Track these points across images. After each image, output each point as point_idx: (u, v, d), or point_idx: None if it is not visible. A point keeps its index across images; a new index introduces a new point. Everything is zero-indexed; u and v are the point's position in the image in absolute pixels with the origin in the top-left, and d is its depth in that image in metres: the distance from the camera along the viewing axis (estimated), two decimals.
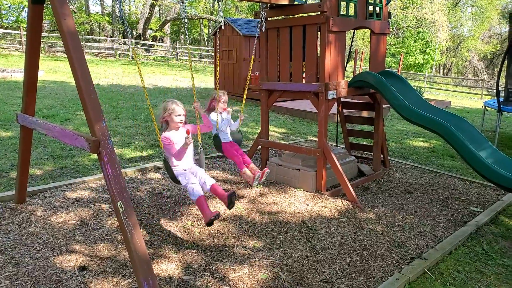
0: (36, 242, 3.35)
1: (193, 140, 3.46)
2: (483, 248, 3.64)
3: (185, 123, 3.68)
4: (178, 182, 3.47)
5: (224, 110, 4.34)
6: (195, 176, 3.50)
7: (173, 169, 3.45)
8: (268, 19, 5.00)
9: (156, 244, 3.40)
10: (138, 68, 3.15)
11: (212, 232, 3.68)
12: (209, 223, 3.26)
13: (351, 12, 4.77)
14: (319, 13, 4.43)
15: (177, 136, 3.55)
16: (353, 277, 3.07)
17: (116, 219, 3.69)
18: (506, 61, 8.37)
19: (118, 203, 2.39)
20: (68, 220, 3.76)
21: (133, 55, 22.85)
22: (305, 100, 5.21)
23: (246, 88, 4.49)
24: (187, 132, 3.40)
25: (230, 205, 3.43)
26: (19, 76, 14.05)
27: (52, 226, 3.63)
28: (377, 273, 3.14)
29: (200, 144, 3.73)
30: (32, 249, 3.24)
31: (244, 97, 4.49)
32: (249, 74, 4.53)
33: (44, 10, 3.37)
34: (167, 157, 3.44)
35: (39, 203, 4.12)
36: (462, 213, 4.40)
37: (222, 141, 4.27)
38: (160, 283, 2.84)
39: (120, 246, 3.34)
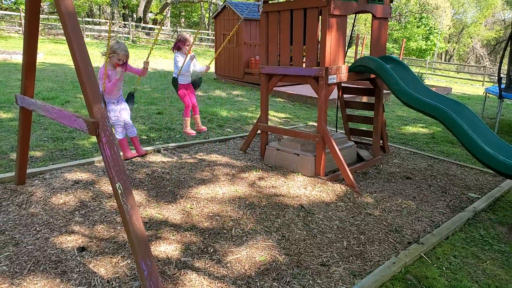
0: (36, 223, 3.38)
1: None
2: (480, 233, 3.67)
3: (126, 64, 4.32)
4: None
5: (189, 53, 4.77)
6: (120, 117, 4.35)
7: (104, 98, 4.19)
8: (269, 2, 4.94)
9: (155, 226, 3.43)
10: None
11: (211, 214, 3.70)
12: (126, 159, 4.45)
13: None
14: None
15: (114, 73, 4.19)
16: (350, 261, 3.11)
17: (115, 201, 3.71)
18: (508, 48, 8.30)
19: (117, 184, 2.40)
20: (68, 202, 3.79)
21: (135, 38, 22.51)
22: (306, 85, 5.20)
23: (229, 38, 5.08)
24: (116, 65, 4.16)
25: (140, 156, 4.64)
26: (19, 58, 13.96)
27: (52, 208, 3.65)
28: (374, 257, 3.17)
29: (134, 87, 4.61)
30: (32, 229, 3.27)
31: (220, 49, 4.99)
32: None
33: None
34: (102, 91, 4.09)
35: (39, 184, 4.13)
36: (460, 199, 4.42)
37: (180, 82, 4.84)
38: (158, 264, 2.88)
39: (119, 227, 3.37)
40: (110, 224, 3.42)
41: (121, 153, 4.23)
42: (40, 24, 25.35)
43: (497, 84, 8.00)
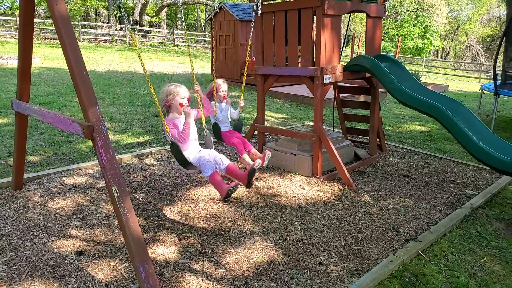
0: (34, 227, 3.37)
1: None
2: (477, 230, 3.68)
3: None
4: (188, 164, 3.34)
5: (224, 98, 4.33)
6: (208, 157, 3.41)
7: (183, 153, 3.30)
8: (264, 3, 4.95)
9: (153, 229, 3.43)
10: (137, 51, 3.15)
11: (209, 216, 3.71)
12: (226, 197, 3.14)
13: None
14: None
15: (181, 121, 3.44)
16: (348, 260, 3.11)
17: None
18: (503, 44, 8.34)
19: (113, 188, 2.40)
20: (65, 206, 3.79)
21: (131, 41, 22.56)
22: (303, 85, 5.21)
23: (245, 75, 4.34)
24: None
25: (249, 183, 3.41)
26: (15, 63, 13.94)
27: (49, 212, 3.65)
28: (372, 256, 3.18)
29: (205, 126, 3.70)
30: (30, 234, 3.27)
31: (243, 85, 4.41)
32: (247, 59, 4.45)
33: None
34: (174, 141, 3.27)
35: (36, 189, 4.13)
36: (457, 196, 4.43)
37: (222, 129, 4.25)
38: (156, 267, 2.88)
39: (117, 231, 3.37)
40: (107, 228, 3.43)
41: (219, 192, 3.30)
42: (36, 29, 25.26)
43: (492, 81, 8.03)
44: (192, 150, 3.50)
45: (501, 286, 2.85)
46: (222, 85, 4.29)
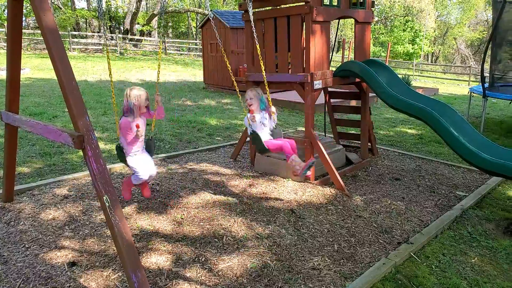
0: (25, 239, 3.35)
1: (143, 135, 3.72)
2: (468, 231, 3.71)
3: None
4: (126, 163, 3.74)
5: (251, 112, 4.04)
6: (144, 165, 3.75)
7: (127, 157, 3.68)
8: (253, 10, 4.99)
9: (146, 238, 3.42)
10: (108, 60, 3.48)
11: (202, 223, 3.71)
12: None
13: (335, 1, 4.78)
14: (303, 3, 4.44)
15: (139, 122, 3.65)
16: (341, 264, 3.13)
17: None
18: (490, 47, 8.47)
19: (104, 197, 2.40)
20: (57, 217, 3.76)
21: (123, 50, 22.51)
22: (294, 91, 5.24)
23: (234, 80, 4.33)
24: (137, 126, 3.55)
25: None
26: (4, 74, 13.86)
27: (41, 224, 3.63)
28: (365, 259, 3.20)
29: (153, 132, 4.17)
30: (21, 246, 3.24)
31: (238, 91, 4.32)
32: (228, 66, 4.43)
33: (29, 7, 3.35)
34: (121, 144, 3.66)
35: (27, 201, 4.11)
36: (448, 198, 4.47)
37: (263, 140, 3.89)
38: (149, 276, 2.87)
39: (109, 240, 3.35)
40: (100, 238, 3.41)
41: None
42: (26, 39, 25.12)
43: (481, 84, 8.14)
44: (135, 150, 3.75)
45: (492, 285, 2.88)
46: (251, 98, 4.07)
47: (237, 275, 2.92)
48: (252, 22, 4.06)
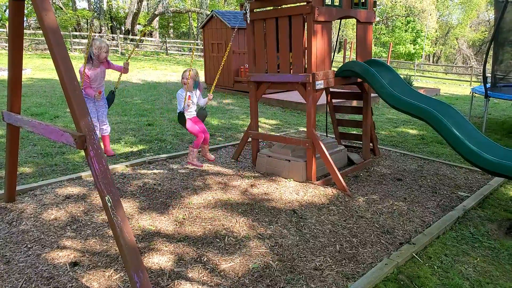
0: (27, 239, 3.35)
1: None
2: (470, 231, 3.70)
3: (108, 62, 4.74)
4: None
5: (184, 84, 4.74)
6: (95, 115, 4.69)
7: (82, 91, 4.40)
8: (254, 10, 5.00)
9: (148, 238, 3.42)
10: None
11: (204, 224, 3.70)
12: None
13: (336, 1, 4.78)
14: (304, 3, 4.44)
15: (96, 73, 4.58)
16: (343, 264, 3.12)
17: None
18: (492, 48, 8.45)
19: (106, 197, 2.40)
20: (59, 217, 3.77)
21: (123, 51, 22.41)
22: (295, 92, 5.24)
23: (218, 74, 5.07)
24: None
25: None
26: (5, 74, 13.88)
27: (43, 224, 3.63)
28: (367, 259, 3.19)
29: (116, 86, 4.93)
30: (23, 246, 3.24)
31: (215, 82, 5.08)
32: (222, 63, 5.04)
33: (30, 7, 3.36)
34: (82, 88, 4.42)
35: (29, 201, 4.11)
36: (450, 198, 4.46)
37: (187, 117, 4.75)
38: (151, 276, 2.87)
39: (111, 240, 3.35)
40: (102, 238, 3.41)
41: None
42: (27, 40, 25.15)
43: (483, 84, 8.12)
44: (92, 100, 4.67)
45: (494, 286, 2.87)
46: (185, 72, 4.75)
47: (239, 276, 2.92)
48: (247, 21, 4.12)
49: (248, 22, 5.06)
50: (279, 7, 4.81)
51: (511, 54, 8.72)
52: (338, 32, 6.29)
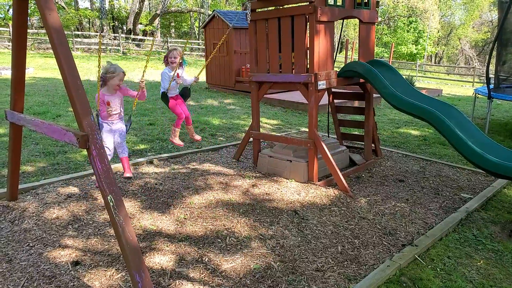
0: (29, 238, 3.35)
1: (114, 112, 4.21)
2: (473, 233, 3.69)
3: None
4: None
5: (172, 63, 4.82)
6: (112, 139, 4.27)
7: (100, 122, 4.15)
8: (257, 10, 4.99)
9: (149, 238, 3.41)
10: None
11: (205, 224, 3.70)
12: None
13: (339, 1, 4.77)
14: (307, 3, 4.43)
15: (112, 99, 4.18)
16: (345, 265, 3.11)
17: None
18: (496, 48, 8.43)
19: (108, 197, 2.39)
20: (61, 216, 3.76)
21: (125, 50, 22.41)
22: (297, 92, 5.23)
23: (210, 58, 5.33)
24: (108, 104, 4.10)
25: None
26: (9, 74, 13.91)
27: (45, 222, 3.63)
28: (369, 261, 3.18)
29: (133, 110, 4.74)
30: (25, 245, 3.24)
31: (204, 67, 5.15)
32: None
33: (33, 6, 3.36)
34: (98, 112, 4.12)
35: (32, 200, 4.11)
36: (453, 200, 4.45)
37: (169, 96, 4.95)
38: (153, 276, 2.86)
39: (113, 240, 3.35)
40: (103, 237, 3.41)
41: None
42: (30, 39, 25.19)
43: (486, 85, 8.10)
44: (110, 121, 4.26)
45: None
46: (174, 52, 4.83)
47: (240, 276, 2.91)
48: (248, 21, 4.15)
49: (249, 22, 5.05)
50: (282, 7, 4.80)
51: None
52: (341, 32, 6.28)
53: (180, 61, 4.82)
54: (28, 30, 3.49)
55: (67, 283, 2.77)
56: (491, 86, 8.24)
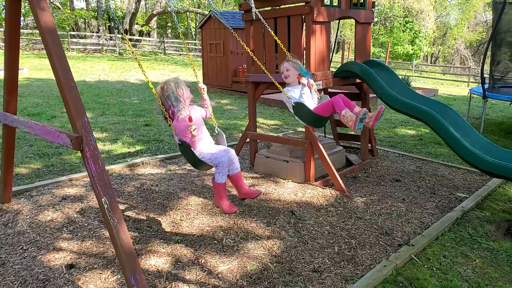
0: (23, 241, 3.32)
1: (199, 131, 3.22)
2: (469, 232, 3.69)
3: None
4: (202, 164, 3.13)
5: (299, 79, 3.69)
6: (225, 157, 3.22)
7: (196, 153, 3.08)
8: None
9: (145, 240, 3.39)
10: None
11: (201, 225, 3.68)
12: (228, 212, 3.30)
13: (335, 2, 4.76)
14: (303, 3, 4.42)
15: (193, 115, 3.20)
16: (342, 266, 3.10)
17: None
18: (490, 48, 8.45)
19: (103, 199, 2.37)
20: (55, 218, 3.73)
21: (121, 51, 22.41)
22: None
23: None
24: (190, 120, 3.05)
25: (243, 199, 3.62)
26: (1, 74, 13.83)
27: (39, 225, 3.60)
28: (365, 261, 3.17)
29: (216, 124, 3.58)
30: (19, 248, 3.21)
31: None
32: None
33: (27, 6, 3.33)
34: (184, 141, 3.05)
35: (25, 202, 4.07)
36: (449, 199, 4.45)
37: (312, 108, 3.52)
38: (148, 278, 2.84)
39: (108, 242, 3.33)
40: (98, 239, 3.38)
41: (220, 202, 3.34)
42: (24, 39, 25.01)
43: (481, 85, 8.12)
44: (205, 146, 3.30)
45: None
46: (288, 70, 3.71)
47: (237, 278, 2.90)
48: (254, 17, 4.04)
49: (245, 22, 5.04)
50: (278, 7, 4.79)
51: (508, 55, 8.74)
52: (337, 32, 6.28)
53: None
54: (22, 30, 3.46)
55: (61, 286, 2.75)
56: (486, 86, 8.26)
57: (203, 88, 3.41)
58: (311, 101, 3.60)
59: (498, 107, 12.22)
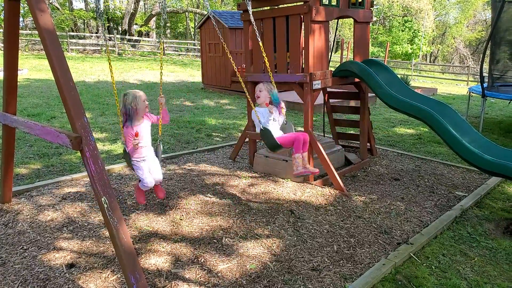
0: (23, 241, 3.33)
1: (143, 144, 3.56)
2: (468, 231, 3.70)
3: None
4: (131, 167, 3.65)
5: (266, 105, 3.98)
6: (149, 172, 3.64)
7: (132, 161, 3.57)
8: (252, 10, 4.97)
9: (145, 239, 3.40)
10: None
11: (201, 224, 3.69)
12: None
13: (334, 1, 4.77)
14: (301, 3, 4.43)
15: (141, 129, 3.54)
16: (341, 264, 3.11)
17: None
18: (489, 47, 8.47)
19: (103, 199, 2.38)
20: (56, 218, 3.75)
21: (121, 51, 22.39)
22: (293, 92, 5.23)
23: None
24: (136, 135, 3.42)
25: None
26: (1, 75, 13.84)
27: (39, 225, 3.61)
28: (364, 260, 3.19)
29: (160, 136, 3.91)
30: (19, 248, 3.22)
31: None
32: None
33: (26, 7, 3.34)
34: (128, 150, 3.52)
35: (26, 202, 4.09)
36: (448, 198, 4.47)
37: (275, 136, 3.74)
38: (148, 277, 2.85)
39: (108, 242, 3.34)
40: (99, 239, 3.39)
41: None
42: (24, 40, 24.98)
43: (480, 84, 8.14)
44: (142, 155, 3.63)
45: (492, 286, 2.87)
46: (260, 91, 4.05)
47: (236, 276, 2.91)
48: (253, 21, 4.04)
49: (244, 22, 5.04)
50: (276, 7, 4.79)
51: (508, 53, 8.76)
52: (336, 32, 6.29)
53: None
54: (22, 31, 3.48)
55: (61, 285, 2.76)
56: (485, 84, 8.28)
57: (160, 103, 3.70)
58: (277, 124, 3.97)
59: (497, 106, 12.24)
